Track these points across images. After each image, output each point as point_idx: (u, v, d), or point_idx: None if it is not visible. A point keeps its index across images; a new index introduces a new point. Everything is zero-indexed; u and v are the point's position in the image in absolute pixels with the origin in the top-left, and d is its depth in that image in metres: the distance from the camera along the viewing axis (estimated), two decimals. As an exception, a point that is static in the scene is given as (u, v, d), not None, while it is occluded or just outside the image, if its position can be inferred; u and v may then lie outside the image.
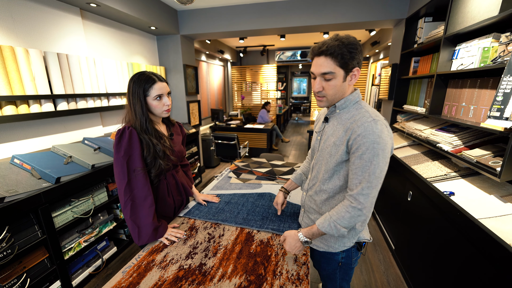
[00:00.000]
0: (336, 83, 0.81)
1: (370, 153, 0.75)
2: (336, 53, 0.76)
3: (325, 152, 0.89)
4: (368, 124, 0.76)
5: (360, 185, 0.76)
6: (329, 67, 0.78)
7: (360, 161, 0.76)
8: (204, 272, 0.86)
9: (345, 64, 0.78)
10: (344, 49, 0.76)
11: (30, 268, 1.30)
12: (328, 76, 0.80)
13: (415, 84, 2.20)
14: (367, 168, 0.75)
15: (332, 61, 0.78)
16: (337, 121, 0.87)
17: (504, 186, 1.23)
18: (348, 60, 0.77)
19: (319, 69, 0.80)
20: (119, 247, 1.95)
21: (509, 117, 0.98)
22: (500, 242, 0.87)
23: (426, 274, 1.41)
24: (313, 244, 0.99)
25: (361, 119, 0.79)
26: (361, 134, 0.76)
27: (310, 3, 2.60)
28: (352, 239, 0.93)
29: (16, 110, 1.51)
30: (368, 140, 0.75)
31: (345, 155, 0.83)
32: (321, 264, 1.02)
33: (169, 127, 1.21)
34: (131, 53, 2.63)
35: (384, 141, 0.75)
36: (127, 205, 0.97)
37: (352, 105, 0.86)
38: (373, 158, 0.74)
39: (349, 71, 0.80)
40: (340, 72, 0.79)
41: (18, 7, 1.56)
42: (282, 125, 7.21)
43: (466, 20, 1.41)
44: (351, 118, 0.83)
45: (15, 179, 1.34)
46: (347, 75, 0.81)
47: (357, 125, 0.78)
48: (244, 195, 1.43)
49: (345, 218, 0.78)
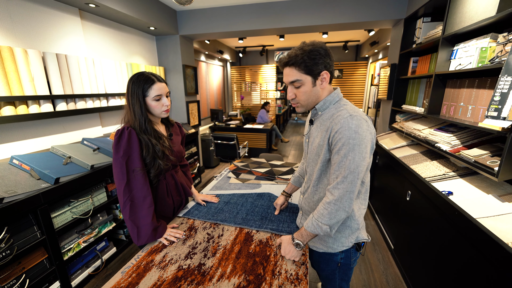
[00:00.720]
0: (306, 89, 0.84)
1: (346, 148, 0.76)
2: (299, 62, 0.80)
3: (313, 153, 0.91)
4: (344, 120, 0.78)
5: (336, 180, 0.78)
6: (295, 75, 0.82)
7: (337, 157, 0.78)
8: (203, 272, 0.86)
9: (310, 71, 0.81)
10: (306, 57, 0.79)
11: (29, 269, 1.30)
12: (296, 83, 0.84)
13: (414, 84, 2.20)
14: (343, 164, 0.77)
15: (296, 70, 0.82)
16: (319, 122, 0.90)
17: (502, 186, 1.24)
18: (312, 66, 0.80)
19: (287, 78, 0.85)
20: (118, 247, 1.95)
21: (507, 117, 0.98)
22: (498, 241, 0.87)
23: (425, 273, 1.41)
24: (312, 245, 1.00)
25: (338, 116, 0.80)
26: (338, 130, 0.78)
27: (309, 3, 2.60)
28: (350, 239, 0.93)
29: (15, 111, 1.50)
30: (344, 135, 0.76)
31: (328, 154, 0.85)
32: (320, 265, 1.03)
33: (168, 127, 1.21)
34: (130, 53, 2.63)
35: (361, 136, 0.76)
36: (126, 205, 0.98)
37: (332, 105, 0.88)
38: (348, 153, 0.76)
39: (316, 75, 0.82)
40: (307, 79, 0.82)
41: (17, 8, 1.55)
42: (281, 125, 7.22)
43: (464, 20, 1.42)
44: (331, 117, 0.84)
45: (14, 179, 1.34)
46: (315, 80, 0.83)
47: (334, 122, 0.80)
48: (243, 195, 1.43)
49: (324, 215, 0.80)
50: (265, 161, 2.10)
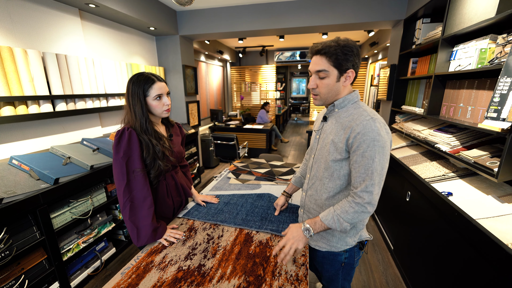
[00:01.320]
0: (329, 82, 0.84)
1: (371, 151, 0.77)
2: (331, 53, 0.80)
3: (324, 150, 0.90)
4: (366, 122, 0.78)
5: (364, 182, 0.78)
6: (323, 65, 0.82)
7: (362, 159, 0.78)
8: (203, 273, 0.86)
9: (339, 65, 0.81)
10: (339, 50, 0.80)
11: (28, 270, 1.30)
12: (321, 74, 0.84)
13: (414, 84, 2.21)
14: (369, 166, 0.77)
15: (326, 60, 0.82)
16: (335, 120, 0.89)
17: (502, 187, 1.24)
18: (342, 61, 0.81)
19: (314, 66, 0.85)
20: (118, 248, 1.94)
21: (506, 118, 0.99)
22: (498, 242, 0.87)
23: (425, 274, 1.41)
24: (314, 244, 0.99)
25: (360, 117, 0.81)
26: (360, 132, 0.78)
27: (309, 4, 2.61)
28: (354, 238, 0.94)
29: (14, 111, 1.50)
30: (368, 138, 0.77)
31: (344, 153, 0.84)
32: (324, 266, 1.02)
33: (168, 128, 1.21)
34: (130, 53, 2.63)
35: (384, 139, 0.77)
36: (126, 206, 0.97)
37: (350, 104, 0.88)
38: (375, 156, 0.77)
39: (343, 71, 0.83)
40: (333, 72, 0.83)
41: (17, 8, 1.55)
42: (281, 125, 7.22)
43: (464, 22, 1.42)
44: (349, 116, 0.85)
45: (14, 180, 1.33)
46: (341, 76, 0.83)
47: (356, 123, 0.80)
48: (243, 196, 1.43)
49: (349, 213, 0.80)
50: (265, 161, 2.10)
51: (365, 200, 0.78)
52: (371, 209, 0.79)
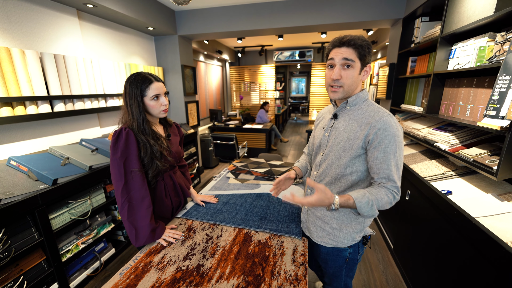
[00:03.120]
0: (354, 74, 0.84)
1: (393, 146, 0.80)
2: (358, 45, 0.82)
3: (337, 147, 0.90)
4: (386, 118, 0.81)
5: (390, 176, 0.81)
6: (351, 55, 0.82)
7: (384, 154, 0.81)
8: (202, 273, 0.85)
9: (363, 57, 0.83)
10: (364, 43, 0.83)
11: (27, 271, 1.29)
12: (349, 62, 0.83)
13: (413, 83, 2.20)
14: (392, 160, 0.81)
15: (353, 51, 0.82)
16: (349, 117, 0.90)
17: (501, 185, 1.24)
18: (366, 55, 0.83)
19: (341, 55, 0.83)
20: (117, 248, 1.94)
21: (505, 116, 0.98)
22: (497, 240, 0.87)
23: (425, 272, 1.41)
24: (321, 241, 1.00)
25: (377, 114, 0.83)
26: (381, 128, 0.81)
27: (307, 3, 2.60)
28: (360, 234, 0.96)
29: (12, 112, 1.50)
30: (389, 133, 0.80)
31: (360, 150, 0.85)
32: (328, 262, 1.03)
33: (166, 128, 1.20)
34: (129, 53, 2.62)
35: (401, 134, 0.83)
36: (124, 206, 0.97)
37: (362, 102, 0.90)
38: (396, 151, 0.81)
39: (364, 65, 0.85)
40: (358, 64, 0.84)
41: (14, 8, 1.55)
42: (280, 125, 7.22)
43: (462, 20, 1.42)
44: (365, 113, 0.86)
45: (12, 181, 1.33)
46: (362, 69, 0.85)
47: (375, 120, 0.82)
48: (243, 196, 1.43)
49: (383, 200, 0.81)
50: (264, 161, 2.10)
51: (395, 191, 0.82)
52: (398, 198, 0.83)
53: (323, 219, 0.98)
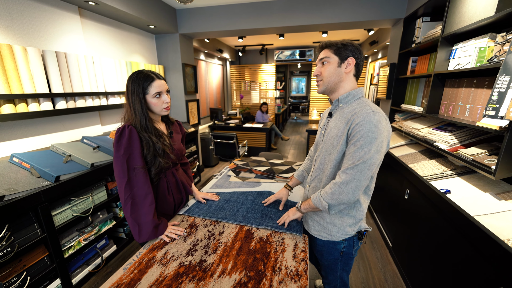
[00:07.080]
0: (331, 67, 0.92)
1: (364, 140, 0.81)
2: (332, 44, 0.92)
3: (328, 143, 0.95)
4: (366, 114, 0.82)
5: (347, 165, 0.83)
6: (325, 54, 0.93)
7: (353, 147, 0.83)
8: (205, 269, 0.87)
9: (338, 51, 0.90)
10: (339, 43, 0.91)
11: (30, 267, 1.30)
12: (324, 60, 0.93)
13: (413, 83, 2.22)
14: (357, 153, 0.82)
15: (328, 50, 0.93)
16: (339, 115, 0.94)
17: (499, 184, 1.25)
18: (341, 49, 0.90)
19: (320, 56, 0.96)
20: (118, 245, 1.95)
21: (504, 116, 0.99)
22: (495, 238, 0.89)
23: (423, 270, 1.43)
24: (317, 234, 1.04)
25: (361, 111, 0.85)
26: (359, 123, 0.82)
27: (308, 2, 2.60)
28: (354, 228, 0.97)
29: (14, 109, 1.50)
30: (364, 128, 0.81)
31: (345, 145, 0.88)
32: (323, 254, 1.06)
33: (168, 125, 1.22)
34: (130, 51, 2.62)
35: (380, 131, 0.81)
36: (127, 203, 0.98)
37: (354, 100, 0.93)
38: (365, 145, 0.80)
39: (343, 58, 0.90)
40: (334, 58, 0.91)
41: (16, 5, 1.55)
42: (280, 124, 7.22)
43: (463, 20, 1.43)
44: (353, 111, 0.88)
45: (15, 177, 1.34)
46: (341, 62, 0.91)
47: (357, 116, 0.84)
48: (244, 193, 1.44)
49: (328, 193, 0.87)
50: (265, 159, 2.11)
51: (341, 180, 0.83)
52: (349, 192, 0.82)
53: (319, 214, 1.02)
